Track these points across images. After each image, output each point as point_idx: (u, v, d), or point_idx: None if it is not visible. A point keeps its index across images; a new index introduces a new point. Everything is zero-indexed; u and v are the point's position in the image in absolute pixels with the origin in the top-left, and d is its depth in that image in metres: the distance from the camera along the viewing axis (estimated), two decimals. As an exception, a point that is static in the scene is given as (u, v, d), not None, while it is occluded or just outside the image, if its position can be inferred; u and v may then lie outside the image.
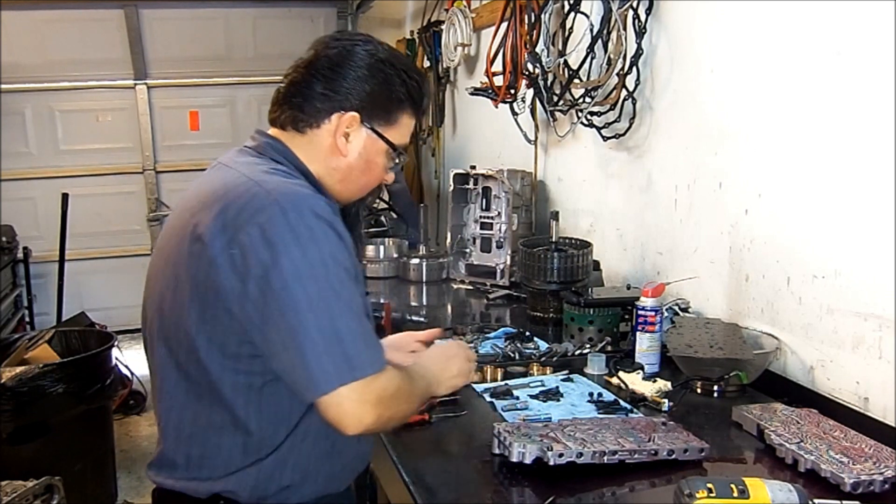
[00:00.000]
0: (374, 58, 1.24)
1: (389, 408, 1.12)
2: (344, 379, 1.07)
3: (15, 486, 2.32)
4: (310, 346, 1.07)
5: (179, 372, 1.20)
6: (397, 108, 1.28)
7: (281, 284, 1.08)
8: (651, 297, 1.82)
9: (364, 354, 1.10)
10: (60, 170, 5.04)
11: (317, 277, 1.09)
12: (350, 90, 1.23)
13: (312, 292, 1.08)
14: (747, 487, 1.06)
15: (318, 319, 1.08)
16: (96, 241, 5.19)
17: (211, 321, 1.14)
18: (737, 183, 1.86)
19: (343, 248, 1.13)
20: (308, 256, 1.09)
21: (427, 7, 3.91)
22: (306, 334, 1.07)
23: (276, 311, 1.08)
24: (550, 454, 1.27)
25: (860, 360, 1.52)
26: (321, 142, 1.25)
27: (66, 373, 2.81)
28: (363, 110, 1.24)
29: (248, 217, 1.11)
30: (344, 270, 1.11)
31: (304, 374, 1.09)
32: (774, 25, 1.71)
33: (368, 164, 1.28)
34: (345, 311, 1.10)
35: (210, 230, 1.13)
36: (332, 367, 1.08)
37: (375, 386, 1.10)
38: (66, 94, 5.03)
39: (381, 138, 1.27)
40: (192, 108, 5.26)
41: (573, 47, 2.38)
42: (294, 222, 1.10)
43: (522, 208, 2.84)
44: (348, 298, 1.10)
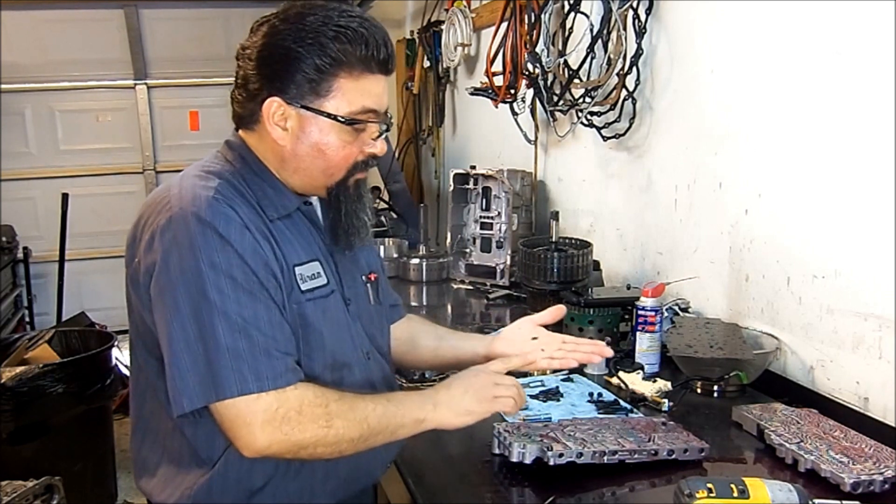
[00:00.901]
0: (293, 29, 1.11)
1: (291, 432, 1.04)
2: (209, 398, 1.03)
3: (15, 486, 2.32)
4: (175, 359, 1.04)
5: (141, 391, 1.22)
6: (324, 77, 1.12)
7: (157, 292, 1.07)
8: (651, 297, 1.82)
9: (236, 373, 1.03)
10: (60, 170, 5.04)
11: (188, 286, 1.04)
12: (263, 74, 1.13)
13: (182, 302, 1.04)
14: (747, 487, 1.06)
15: (186, 331, 1.04)
16: (96, 241, 5.19)
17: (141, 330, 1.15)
18: (737, 183, 1.86)
19: (229, 255, 1.06)
20: (183, 263, 1.05)
21: (427, 7, 3.91)
22: (174, 346, 1.04)
23: (160, 320, 1.07)
24: (550, 454, 1.27)
25: (860, 360, 1.52)
26: (265, 135, 1.17)
27: (66, 373, 2.81)
28: (279, 91, 1.12)
29: (147, 226, 1.11)
30: (227, 279, 1.05)
31: (171, 387, 1.05)
32: (774, 25, 1.71)
33: (317, 146, 1.15)
34: (218, 324, 1.03)
35: (130, 240, 1.16)
36: (197, 384, 1.03)
37: (257, 407, 1.03)
38: (66, 94, 5.03)
39: (320, 114, 1.13)
40: (192, 108, 5.26)
41: (573, 47, 2.38)
42: (176, 227, 1.06)
43: (522, 208, 2.84)
44: (224, 308, 1.04)
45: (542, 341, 1.44)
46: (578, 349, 1.44)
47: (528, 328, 1.47)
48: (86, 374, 2.90)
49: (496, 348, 1.44)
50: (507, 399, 1.23)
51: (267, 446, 1.04)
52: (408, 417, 1.16)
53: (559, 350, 1.42)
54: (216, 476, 1.14)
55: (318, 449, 1.08)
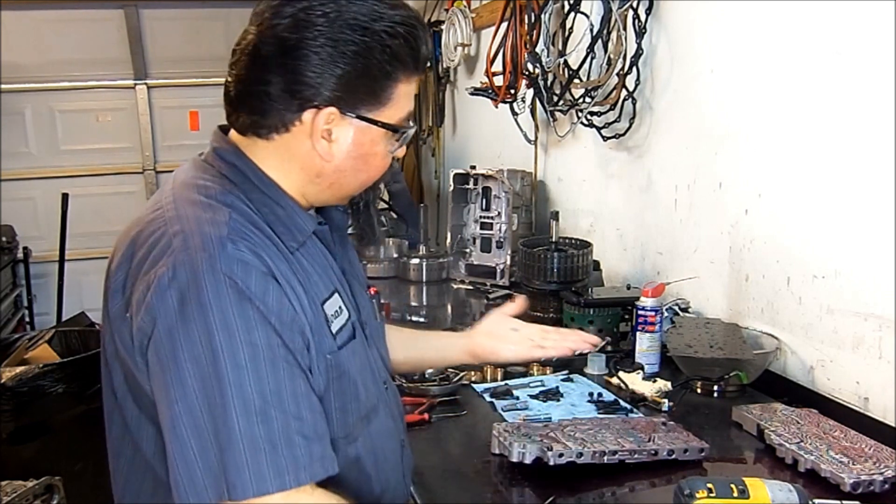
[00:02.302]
0: (339, 23, 0.92)
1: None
2: (220, 496, 0.84)
3: (15, 486, 2.32)
4: (181, 446, 0.85)
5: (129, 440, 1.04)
6: (386, 82, 0.97)
7: (158, 366, 0.87)
8: (651, 297, 1.82)
9: (253, 471, 0.84)
10: (60, 170, 5.04)
11: (198, 363, 0.85)
12: (317, 78, 0.93)
13: (191, 382, 0.85)
14: (747, 487, 1.06)
15: (194, 415, 0.85)
16: (96, 241, 5.18)
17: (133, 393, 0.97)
18: (737, 183, 1.86)
19: (248, 317, 0.86)
20: (191, 333, 0.85)
21: (427, 7, 3.91)
22: (179, 430, 0.85)
23: (158, 395, 0.88)
24: (550, 454, 1.27)
25: (860, 360, 1.52)
26: (295, 147, 0.98)
27: (66, 373, 2.81)
28: (341, 100, 0.95)
29: (142, 272, 0.91)
30: (245, 347, 0.86)
31: (176, 476, 0.86)
32: (774, 25, 1.71)
33: (363, 158, 1.00)
34: (236, 407, 0.84)
35: (114, 284, 0.95)
36: (204, 478, 0.85)
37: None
38: (66, 94, 5.03)
39: (374, 124, 0.98)
40: (192, 108, 5.26)
41: (573, 47, 2.38)
42: (182, 285, 0.86)
43: (522, 208, 2.84)
44: (241, 389, 0.85)
45: (524, 332, 1.40)
46: (567, 338, 1.42)
47: (505, 320, 1.42)
48: (86, 374, 2.89)
49: (480, 344, 1.39)
50: None
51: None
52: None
53: (545, 339, 1.39)
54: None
55: None
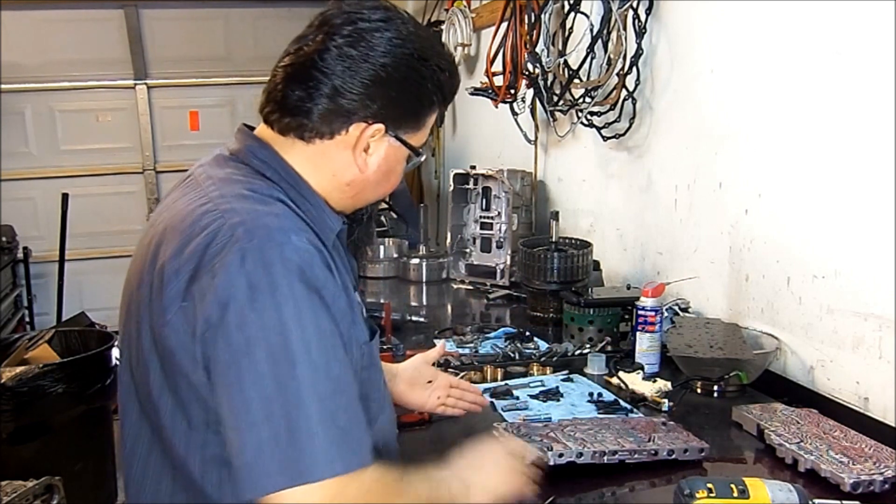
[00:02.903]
0: (401, 50, 0.99)
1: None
2: (289, 482, 0.85)
3: (15, 486, 2.32)
4: (251, 434, 0.86)
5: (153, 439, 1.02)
6: (427, 110, 1.06)
7: (227, 353, 0.88)
8: (651, 297, 1.82)
9: (324, 452, 0.86)
10: (60, 170, 5.04)
11: (271, 348, 0.86)
12: (373, 96, 0.99)
13: (263, 368, 0.86)
14: (747, 487, 1.06)
15: (267, 403, 0.86)
16: (96, 241, 5.19)
17: (172, 387, 0.95)
18: (737, 183, 1.86)
19: (315, 305, 0.89)
20: (264, 320, 0.87)
21: (427, 7, 3.91)
22: (249, 419, 0.86)
23: (221, 384, 0.89)
24: (550, 454, 1.27)
25: (860, 360, 1.52)
26: (333, 154, 1.03)
27: (66, 373, 2.81)
28: (389, 120, 1.02)
29: (205, 261, 0.91)
30: (316, 337, 0.88)
31: (242, 466, 0.87)
32: (774, 25, 1.71)
33: (388, 174, 1.07)
34: (307, 392, 0.86)
35: (166, 274, 0.94)
36: (275, 464, 0.85)
37: (333, 491, 0.86)
38: (66, 94, 5.03)
39: (405, 145, 1.06)
40: (192, 108, 5.26)
41: (573, 47, 2.38)
42: (252, 273, 0.88)
43: (522, 208, 2.84)
44: (313, 375, 0.87)
45: (435, 385, 1.46)
46: (464, 397, 1.47)
47: (426, 371, 1.47)
48: (86, 374, 2.89)
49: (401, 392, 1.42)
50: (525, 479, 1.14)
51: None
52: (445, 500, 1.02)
53: (449, 397, 1.46)
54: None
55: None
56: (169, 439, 0.98)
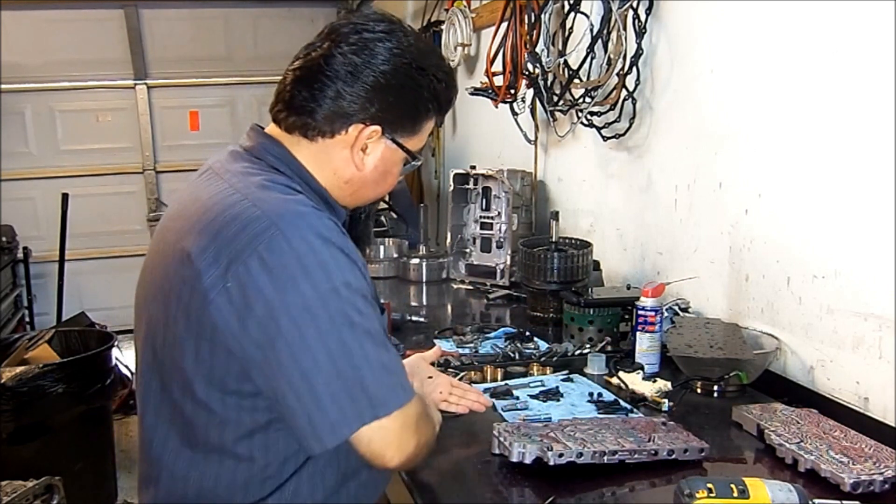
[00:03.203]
0: (401, 59, 1.09)
1: (422, 433, 1.06)
2: (365, 419, 0.98)
3: (15, 486, 2.32)
4: (325, 389, 0.97)
5: (175, 412, 1.09)
6: (423, 117, 1.15)
7: (289, 323, 0.96)
8: (651, 297, 1.82)
9: (388, 388, 1.00)
10: (60, 170, 5.05)
11: (329, 310, 0.97)
12: (372, 100, 1.08)
13: (325, 328, 0.97)
14: (747, 487, 1.06)
15: (333, 358, 0.97)
16: (96, 241, 5.19)
17: (208, 359, 1.03)
18: (737, 183, 1.86)
19: (355, 271, 1.01)
20: (318, 288, 0.97)
21: (427, 7, 3.91)
22: (320, 376, 0.97)
23: (286, 353, 0.97)
24: (550, 454, 1.27)
25: (860, 360, 1.52)
26: (334, 152, 1.12)
27: (66, 373, 2.81)
28: (386, 123, 1.11)
29: (244, 244, 0.98)
30: (360, 297, 1.00)
31: (317, 422, 0.98)
32: (774, 25, 1.71)
33: (384, 174, 1.16)
34: (363, 343, 0.99)
35: (202, 259, 1.01)
36: (351, 408, 0.98)
37: (402, 417, 1.01)
38: (66, 94, 5.04)
39: (401, 148, 1.15)
40: (192, 108, 5.27)
41: (573, 47, 2.38)
42: (299, 248, 0.98)
43: (522, 208, 2.84)
44: (366, 327, 0.99)
45: (436, 382, 1.50)
46: (466, 396, 1.51)
47: (424, 368, 1.52)
48: (86, 374, 2.89)
49: None
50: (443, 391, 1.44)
51: (412, 454, 1.04)
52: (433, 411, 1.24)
53: (452, 395, 1.49)
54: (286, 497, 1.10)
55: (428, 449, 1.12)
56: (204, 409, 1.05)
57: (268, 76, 5.19)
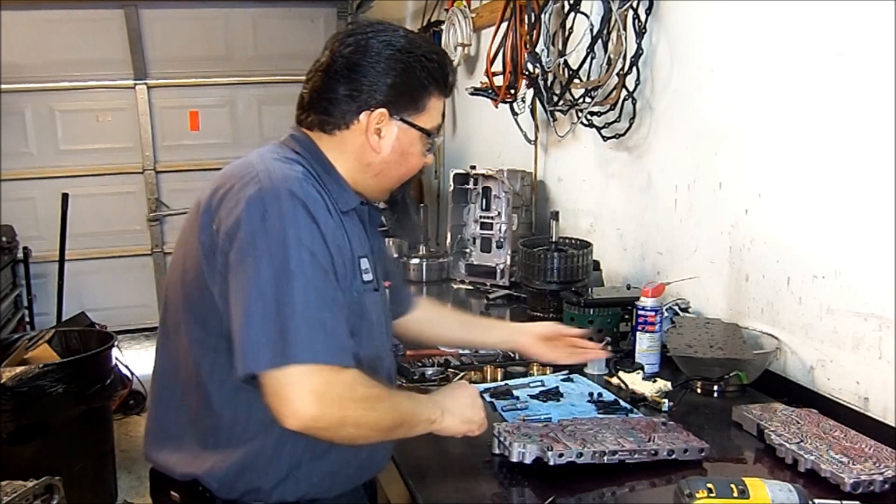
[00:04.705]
0: (392, 48, 1.22)
1: (340, 409, 1.07)
2: (276, 361, 1.04)
3: (15, 486, 2.32)
4: (250, 321, 1.06)
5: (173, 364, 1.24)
6: (423, 94, 1.26)
7: (238, 257, 1.09)
8: (651, 297, 1.82)
9: (309, 341, 1.05)
10: (60, 170, 5.04)
11: (272, 254, 1.07)
12: (373, 87, 1.21)
13: (265, 269, 1.07)
14: (747, 487, 1.06)
15: (264, 297, 1.06)
16: (96, 241, 5.19)
17: (199, 310, 1.16)
18: (737, 183, 1.86)
19: (314, 233, 1.10)
20: (270, 233, 1.08)
21: (427, 7, 3.91)
22: (250, 309, 1.06)
23: (234, 283, 1.09)
24: (550, 454, 1.27)
25: (860, 360, 1.52)
26: (352, 141, 1.24)
27: (66, 373, 2.81)
28: (390, 104, 1.23)
29: (231, 195, 1.14)
30: (308, 254, 1.09)
31: (240, 348, 1.06)
32: (775, 25, 1.71)
33: (404, 155, 1.27)
34: (298, 294, 1.06)
35: (203, 207, 1.17)
36: (267, 346, 1.04)
37: (318, 378, 1.05)
38: (66, 94, 5.03)
39: (413, 127, 1.26)
40: (192, 108, 5.26)
41: (573, 47, 2.38)
42: (266, 199, 1.10)
43: (522, 208, 2.84)
44: (304, 283, 1.07)
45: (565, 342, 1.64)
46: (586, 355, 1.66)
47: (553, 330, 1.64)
48: (86, 374, 2.90)
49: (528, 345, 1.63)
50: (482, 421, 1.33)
51: (314, 418, 1.05)
52: (424, 416, 1.23)
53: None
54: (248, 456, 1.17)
55: (355, 431, 1.12)
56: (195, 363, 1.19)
57: (268, 76, 5.20)
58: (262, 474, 1.18)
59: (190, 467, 1.20)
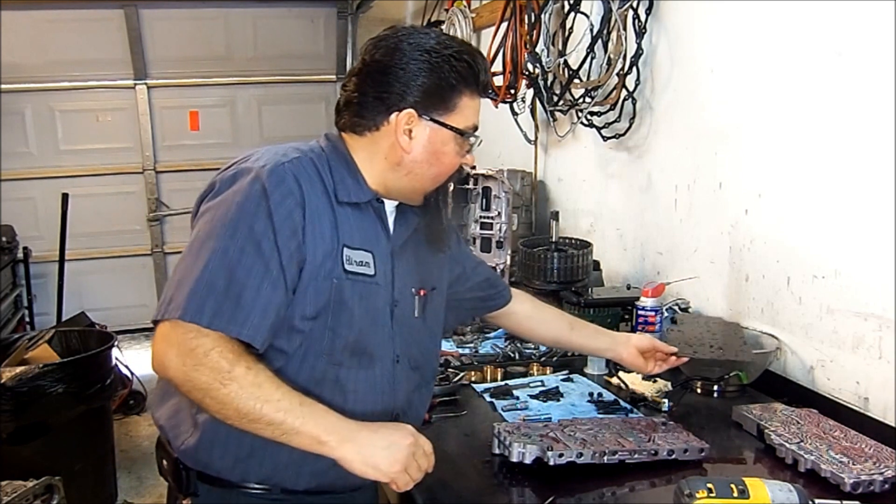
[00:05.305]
0: (420, 49, 1.23)
1: (198, 370, 1.08)
2: (160, 313, 1.12)
3: (15, 486, 2.32)
4: (173, 277, 1.15)
5: None
6: (453, 93, 1.26)
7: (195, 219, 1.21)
8: (651, 297, 1.82)
9: (187, 300, 1.09)
10: (60, 170, 5.04)
11: (212, 222, 1.15)
12: (402, 88, 1.23)
13: (201, 233, 1.16)
14: (747, 487, 1.06)
15: (187, 255, 1.15)
16: (96, 241, 5.19)
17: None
18: (737, 183, 1.86)
19: (261, 215, 1.14)
20: (221, 204, 1.16)
21: (427, 7, 3.91)
22: (179, 267, 1.16)
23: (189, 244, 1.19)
24: (550, 454, 1.27)
25: (860, 360, 1.52)
26: (382, 142, 1.26)
27: (66, 373, 2.81)
28: (418, 104, 1.24)
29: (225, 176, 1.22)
30: (247, 230, 1.13)
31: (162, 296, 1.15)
32: (775, 25, 1.71)
33: (435, 154, 1.28)
34: (210, 259, 1.12)
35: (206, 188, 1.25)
36: (165, 300, 1.12)
37: (186, 334, 1.09)
38: (66, 94, 5.03)
39: (443, 126, 1.26)
40: (192, 108, 5.26)
41: (573, 47, 2.38)
42: (240, 180, 1.18)
43: (522, 208, 2.84)
44: (224, 252, 1.12)
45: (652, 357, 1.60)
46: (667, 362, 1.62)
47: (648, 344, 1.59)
48: (86, 374, 2.89)
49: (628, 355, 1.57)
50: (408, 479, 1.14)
51: (174, 370, 1.10)
52: (308, 432, 1.10)
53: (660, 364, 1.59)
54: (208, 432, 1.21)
55: (206, 400, 1.11)
56: None
57: (268, 76, 5.20)
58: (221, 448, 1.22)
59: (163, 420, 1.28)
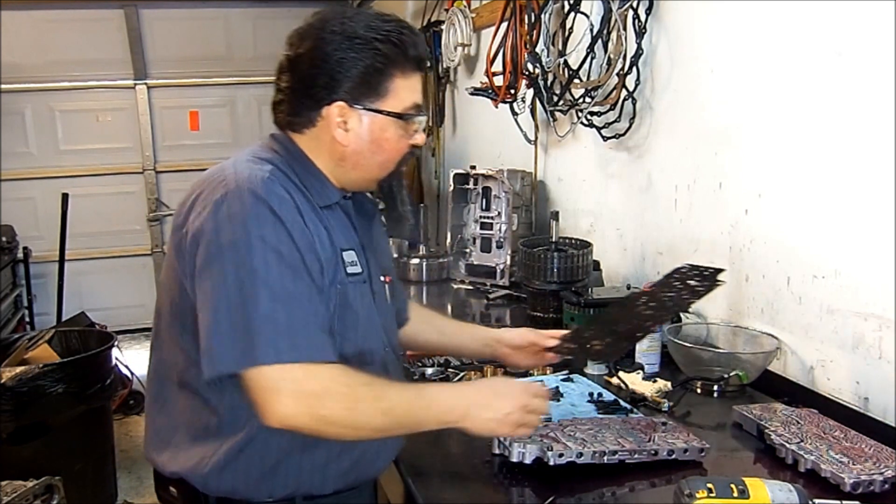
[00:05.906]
0: (342, 36, 1.19)
1: (316, 406, 1.08)
2: (243, 363, 1.07)
3: (15, 486, 2.32)
4: (215, 324, 1.08)
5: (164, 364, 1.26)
6: (382, 77, 1.21)
7: (205, 260, 1.11)
8: (651, 297, 1.82)
9: (272, 342, 1.06)
10: (60, 170, 5.05)
11: (236, 256, 1.09)
12: (328, 81, 1.20)
13: (229, 270, 1.09)
14: (747, 487, 1.06)
15: (229, 299, 1.08)
16: (96, 241, 5.19)
17: (178, 309, 1.19)
18: (737, 183, 1.86)
19: (279, 231, 1.11)
20: (235, 235, 1.10)
21: (427, 7, 3.91)
22: (215, 313, 1.09)
23: (201, 286, 1.11)
24: (550, 454, 1.27)
25: (860, 360, 1.52)
26: (321, 138, 1.24)
27: (66, 373, 2.81)
28: (347, 95, 1.20)
29: (200, 200, 1.16)
30: (274, 253, 1.10)
31: (207, 350, 1.09)
32: (775, 25, 1.71)
33: (376, 142, 1.24)
34: (261, 294, 1.07)
35: (176, 218, 1.20)
36: (231, 348, 1.07)
37: (289, 376, 1.07)
38: (66, 94, 5.04)
39: (378, 113, 1.22)
40: (192, 108, 5.27)
41: (573, 47, 2.38)
42: (230, 201, 1.12)
43: (522, 208, 2.84)
44: (269, 281, 1.08)
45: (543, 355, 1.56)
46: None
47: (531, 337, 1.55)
48: (86, 374, 2.90)
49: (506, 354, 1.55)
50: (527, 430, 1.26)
51: (290, 416, 1.07)
52: (433, 420, 1.19)
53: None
54: (235, 449, 1.17)
55: (341, 429, 1.12)
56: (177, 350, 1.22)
57: (268, 76, 5.08)
58: (246, 468, 1.18)
59: (176, 465, 1.22)
